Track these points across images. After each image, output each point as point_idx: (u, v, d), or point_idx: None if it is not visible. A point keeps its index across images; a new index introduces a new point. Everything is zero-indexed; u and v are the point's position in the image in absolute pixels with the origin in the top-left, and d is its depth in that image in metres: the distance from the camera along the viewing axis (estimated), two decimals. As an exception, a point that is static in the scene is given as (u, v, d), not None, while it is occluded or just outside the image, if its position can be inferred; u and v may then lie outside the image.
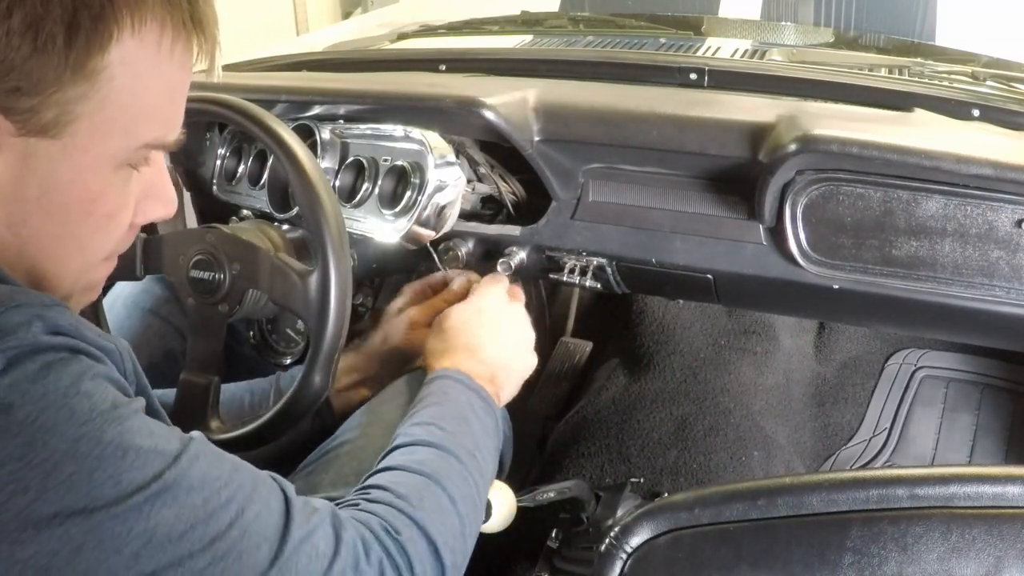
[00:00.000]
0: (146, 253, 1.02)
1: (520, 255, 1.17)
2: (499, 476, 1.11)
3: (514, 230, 1.17)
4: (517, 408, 1.19)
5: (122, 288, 1.20)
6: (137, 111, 0.62)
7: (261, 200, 1.24)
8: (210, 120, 1.31)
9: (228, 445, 0.95)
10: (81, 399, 0.55)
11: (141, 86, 0.62)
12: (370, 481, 0.80)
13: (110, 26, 0.59)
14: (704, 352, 1.68)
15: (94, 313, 1.05)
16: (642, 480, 1.19)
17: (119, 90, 0.60)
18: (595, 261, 1.14)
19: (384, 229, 1.15)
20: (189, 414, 0.95)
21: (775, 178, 0.96)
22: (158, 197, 0.69)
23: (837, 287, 1.01)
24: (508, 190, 1.23)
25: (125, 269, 1.02)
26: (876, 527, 0.57)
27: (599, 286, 1.17)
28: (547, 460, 1.52)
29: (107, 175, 0.63)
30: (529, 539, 1.16)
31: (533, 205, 1.20)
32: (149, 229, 1.04)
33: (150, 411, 0.64)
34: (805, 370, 1.71)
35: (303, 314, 0.91)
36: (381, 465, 0.83)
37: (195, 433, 0.64)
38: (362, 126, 1.20)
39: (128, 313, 1.18)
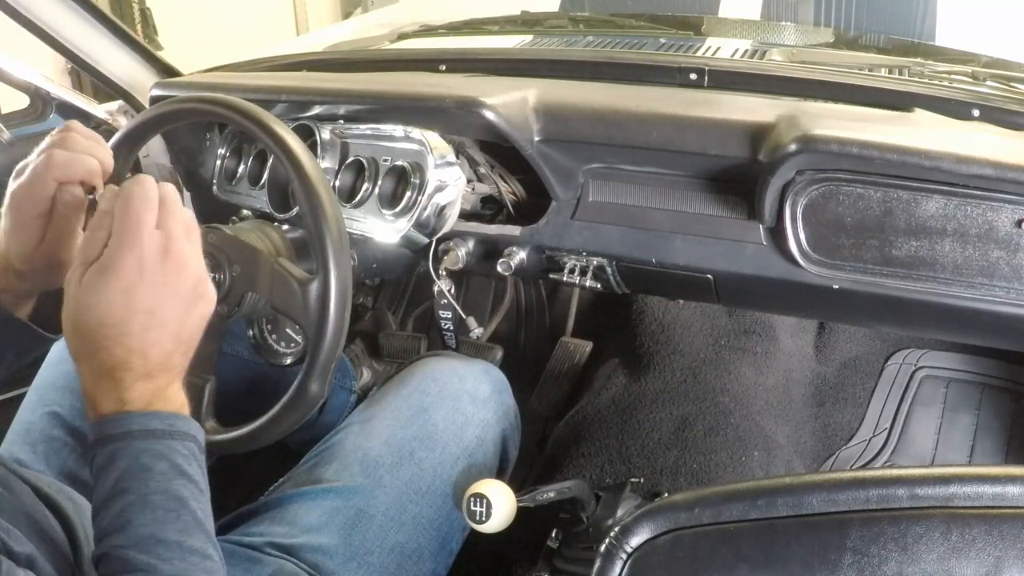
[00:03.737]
0: None
1: (520, 255, 1.17)
2: (501, 476, 1.12)
3: (514, 230, 1.17)
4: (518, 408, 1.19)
5: None
6: None
7: (261, 200, 1.24)
8: (210, 120, 1.31)
9: (222, 446, 0.96)
10: None
11: None
12: None
13: None
14: (704, 352, 1.68)
15: None
16: (642, 480, 1.19)
17: None
18: (595, 261, 1.14)
19: (384, 229, 1.15)
20: None
21: (775, 178, 0.96)
22: None
23: (837, 287, 1.01)
24: (508, 190, 1.23)
25: None
26: (876, 527, 0.57)
27: (599, 286, 1.16)
28: (547, 460, 1.52)
29: None
30: (529, 539, 1.16)
31: (533, 205, 1.20)
32: None
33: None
34: (805, 370, 1.71)
35: (302, 322, 0.91)
36: None
37: None
38: (362, 126, 1.20)
39: None
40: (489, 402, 1.10)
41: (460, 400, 1.07)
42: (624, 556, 0.61)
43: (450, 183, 1.15)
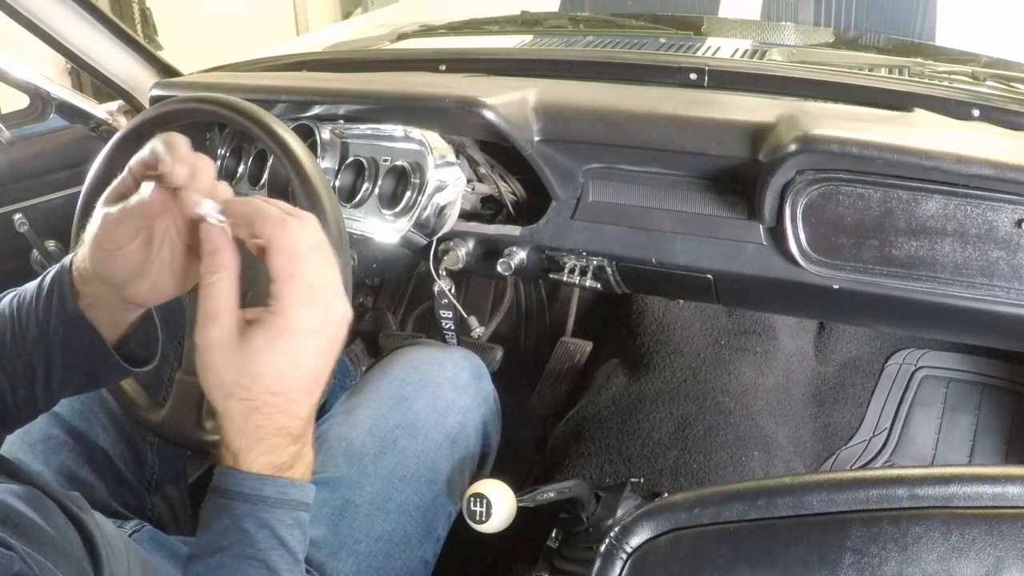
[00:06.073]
0: None
1: (520, 255, 1.17)
2: (484, 461, 1.11)
3: (514, 230, 1.17)
4: (517, 408, 1.19)
5: None
6: None
7: (261, 200, 1.24)
8: (210, 120, 1.31)
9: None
10: None
11: None
12: None
13: None
14: (704, 352, 1.68)
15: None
16: (642, 480, 1.19)
17: None
18: (595, 261, 1.14)
19: (384, 229, 1.15)
20: (183, 414, 0.95)
21: (775, 178, 0.96)
22: None
23: (837, 287, 1.01)
24: (508, 190, 1.23)
25: None
26: (876, 527, 0.57)
27: (599, 286, 1.16)
28: (547, 460, 1.52)
29: None
30: (529, 539, 1.16)
31: (533, 205, 1.20)
32: None
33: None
34: (805, 370, 1.71)
35: None
36: None
37: None
38: (362, 126, 1.20)
39: None
40: (469, 388, 1.11)
41: (440, 387, 1.08)
42: (624, 556, 0.61)
43: (450, 183, 1.15)
